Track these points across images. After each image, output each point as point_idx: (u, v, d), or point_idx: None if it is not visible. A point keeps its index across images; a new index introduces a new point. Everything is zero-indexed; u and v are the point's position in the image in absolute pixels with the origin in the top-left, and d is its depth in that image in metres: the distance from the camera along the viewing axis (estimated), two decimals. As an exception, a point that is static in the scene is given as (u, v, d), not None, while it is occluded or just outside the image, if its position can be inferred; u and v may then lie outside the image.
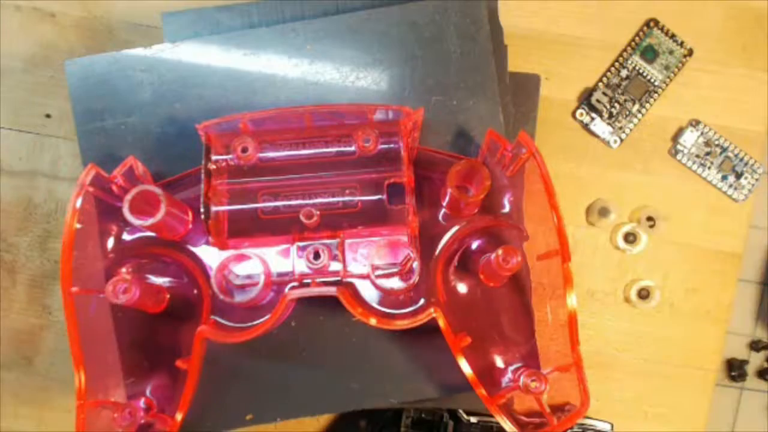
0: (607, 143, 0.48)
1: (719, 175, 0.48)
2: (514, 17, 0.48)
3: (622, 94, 0.48)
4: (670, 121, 0.49)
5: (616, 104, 0.48)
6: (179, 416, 0.36)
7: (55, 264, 0.47)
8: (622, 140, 0.48)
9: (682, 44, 0.48)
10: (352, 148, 0.38)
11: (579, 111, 0.48)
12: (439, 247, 0.38)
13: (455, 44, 0.42)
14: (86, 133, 0.41)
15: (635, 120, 0.48)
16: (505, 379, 0.37)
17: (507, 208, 0.39)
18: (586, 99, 0.48)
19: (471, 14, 0.42)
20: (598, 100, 0.48)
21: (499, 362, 0.38)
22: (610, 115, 0.48)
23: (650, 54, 0.48)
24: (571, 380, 0.35)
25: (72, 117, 0.42)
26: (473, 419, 0.45)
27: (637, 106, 0.48)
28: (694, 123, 0.48)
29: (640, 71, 0.48)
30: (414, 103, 0.41)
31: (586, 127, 0.48)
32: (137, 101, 0.41)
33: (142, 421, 0.36)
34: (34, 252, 0.47)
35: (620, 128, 0.48)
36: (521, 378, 0.35)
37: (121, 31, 0.47)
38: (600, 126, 0.48)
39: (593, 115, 0.48)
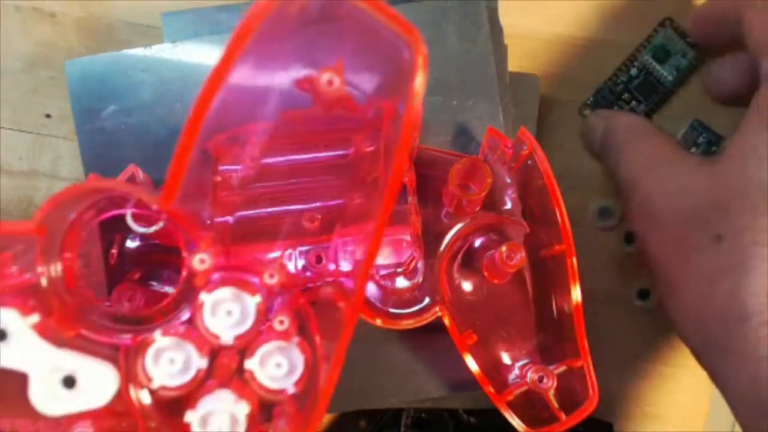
0: (607, 143, 0.48)
1: (719, 175, 0.48)
2: (514, 17, 0.48)
3: (628, 94, 0.48)
4: (674, 121, 0.48)
5: (622, 104, 0.48)
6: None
7: (55, 264, 0.47)
8: (622, 140, 0.48)
9: (693, 46, 0.47)
10: (352, 149, 0.37)
11: (583, 111, 0.48)
12: (443, 245, 0.38)
13: (455, 44, 0.42)
14: (86, 133, 0.41)
15: (636, 120, 0.48)
16: (512, 376, 0.37)
17: (509, 205, 0.39)
18: (589, 99, 0.48)
19: (471, 14, 0.42)
20: (602, 99, 0.48)
21: (506, 359, 0.38)
22: (612, 115, 0.48)
23: (661, 54, 0.47)
24: (577, 376, 0.35)
25: (72, 117, 0.42)
26: (473, 419, 0.45)
27: (642, 107, 0.48)
28: (697, 123, 0.48)
29: (650, 71, 0.48)
30: (414, 102, 0.40)
31: (586, 126, 0.48)
32: (137, 101, 0.41)
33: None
34: (33, 252, 0.47)
35: (621, 128, 0.48)
36: (528, 374, 0.35)
37: (121, 31, 0.47)
38: (601, 126, 0.48)
39: (595, 115, 0.48)
